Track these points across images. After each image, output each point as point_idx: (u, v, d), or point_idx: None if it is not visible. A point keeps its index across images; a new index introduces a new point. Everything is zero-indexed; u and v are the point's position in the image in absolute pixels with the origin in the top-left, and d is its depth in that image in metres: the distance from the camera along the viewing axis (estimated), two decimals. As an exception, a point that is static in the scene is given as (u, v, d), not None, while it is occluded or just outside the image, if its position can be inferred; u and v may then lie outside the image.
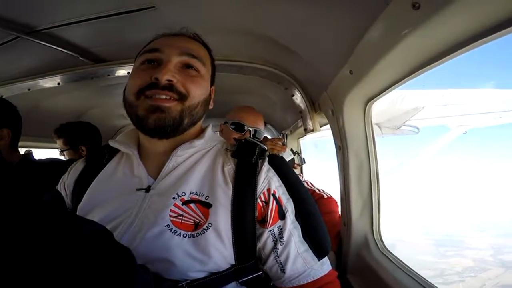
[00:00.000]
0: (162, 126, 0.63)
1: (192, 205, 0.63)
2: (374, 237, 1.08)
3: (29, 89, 1.28)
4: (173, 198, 0.63)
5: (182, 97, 0.64)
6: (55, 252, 0.31)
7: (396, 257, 0.98)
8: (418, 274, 0.86)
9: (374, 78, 0.80)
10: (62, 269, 0.31)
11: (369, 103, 0.97)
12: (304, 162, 1.97)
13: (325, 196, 1.47)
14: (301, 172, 2.23)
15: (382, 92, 0.87)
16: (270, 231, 0.66)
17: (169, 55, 0.65)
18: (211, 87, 0.76)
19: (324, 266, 0.69)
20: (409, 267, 0.91)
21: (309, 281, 0.66)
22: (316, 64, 1.07)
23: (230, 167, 0.68)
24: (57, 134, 1.69)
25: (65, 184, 0.77)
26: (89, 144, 1.73)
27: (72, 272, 0.32)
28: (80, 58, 1.10)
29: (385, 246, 1.05)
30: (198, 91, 0.67)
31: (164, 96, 0.62)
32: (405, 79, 0.73)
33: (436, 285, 0.78)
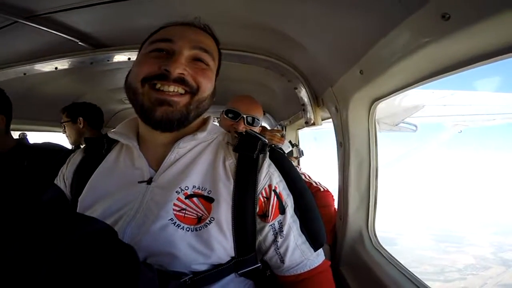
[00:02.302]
0: (169, 120, 0.62)
1: (195, 199, 0.64)
2: (368, 232, 1.12)
3: (25, 74, 1.24)
4: (176, 192, 0.64)
5: (193, 91, 0.63)
6: (58, 252, 0.32)
7: (388, 252, 1.03)
8: (408, 270, 0.91)
9: (384, 80, 0.80)
10: (66, 268, 0.32)
11: (375, 103, 0.97)
12: (303, 155, 1.99)
13: (322, 190, 1.50)
14: (298, 164, 2.26)
15: (390, 94, 0.87)
16: (271, 225, 0.68)
17: (181, 47, 0.63)
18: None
19: (319, 257, 0.73)
20: (400, 263, 0.95)
21: (305, 270, 0.70)
22: (324, 61, 1.05)
23: (231, 162, 0.69)
24: (62, 110, 1.79)
25: (64, 176, 0.77)
26: (88, 116, 1.80)
27: (76, 272, 0.32)
28: (79, 43, 1.06)
29: (378, 242, 1.09)
30: (208, 85, 0.66)
31: (172, 89, 0.61)
32: (417, 84, 0.73)
33: (437, 282, 0.81)
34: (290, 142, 1.68)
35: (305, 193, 0.74)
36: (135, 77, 0.63)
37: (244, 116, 1.37)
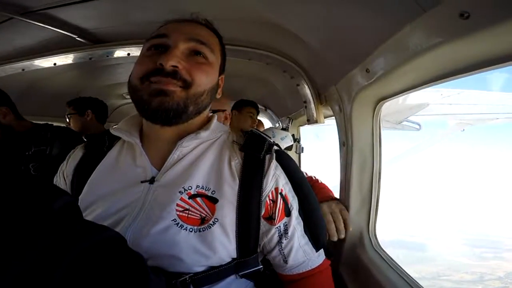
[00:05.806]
0: (164, 109, 0.60)
1: (198, 199, 0.63)
2: (369, 234, 1.10)
3: (23, 69, 1.23)
4: (179, 192, 0.63)
5: (186, 85, 0.62)
6: (70, 260, 0.31)
7: (388, 255, 1.01)
8: (407, 274, 0.90)
9: (392, 80, 0.77)
10: (78, 277, 0.31)
11: (381, 102, 0.95)
12: (302, 151, 1.99)
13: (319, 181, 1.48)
14: (299, 159, 2.25)
15: (398, 94, 0.84)
16: (277, 227, 0.68)
17: (176, 41, 0.62)
18: (220, 75, 0.73)
19: (320, 257, 0.74)
20: (400, 266, 0.94)
21: (307, 269, 0.71)
22: (328, 58, 1.02)
23: (237, 162, 0.68)
24: (69, 103, 1.83)
25: (64, 173, 0.75)
26: (95, 110, 1.84)
27: (85, 281, 0.32)
28: (77, 39, 1.04)
29: (379, 244, 1.08)
30: (204, 79, 0.64)
31: (168, 82, 0.60)
32: (427, 85, 0.70)
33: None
34: (293, 136, 1.68)
35: (309, 195, 0.74)
36: (135, 75, 0.63)
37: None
